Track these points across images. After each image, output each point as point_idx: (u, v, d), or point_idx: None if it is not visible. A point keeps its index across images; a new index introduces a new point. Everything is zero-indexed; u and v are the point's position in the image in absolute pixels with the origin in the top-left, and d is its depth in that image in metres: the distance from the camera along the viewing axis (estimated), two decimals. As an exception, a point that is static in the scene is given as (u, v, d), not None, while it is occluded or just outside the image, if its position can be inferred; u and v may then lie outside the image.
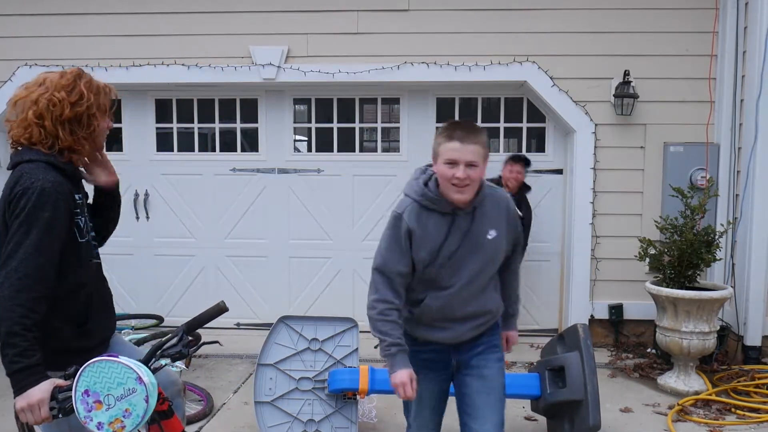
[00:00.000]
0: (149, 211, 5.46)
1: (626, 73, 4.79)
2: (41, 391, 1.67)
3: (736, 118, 4.77)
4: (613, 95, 4.85)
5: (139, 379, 1.59)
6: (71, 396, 1.62)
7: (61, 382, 1.71)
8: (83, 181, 2.07)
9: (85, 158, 2.00)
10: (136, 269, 5.49)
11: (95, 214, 2.08)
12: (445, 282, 2.19)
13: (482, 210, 2.19)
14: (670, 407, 3.88)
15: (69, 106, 1.88)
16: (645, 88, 4.86)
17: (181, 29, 5.06)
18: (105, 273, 2.12)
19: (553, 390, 3.29)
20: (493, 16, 4.93)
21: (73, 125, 1.89)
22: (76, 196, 1.91)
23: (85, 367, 1.59)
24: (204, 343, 2.09)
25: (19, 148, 1.92)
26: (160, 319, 5.13)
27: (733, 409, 3.84)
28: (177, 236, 5.49)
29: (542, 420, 3.60)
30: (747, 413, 3.79)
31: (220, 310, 2.02)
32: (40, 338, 1.76)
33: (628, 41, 4.88)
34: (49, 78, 1.92)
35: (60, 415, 1.66)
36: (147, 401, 1.59)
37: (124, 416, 1.59)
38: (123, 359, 1.61)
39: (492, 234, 2.18)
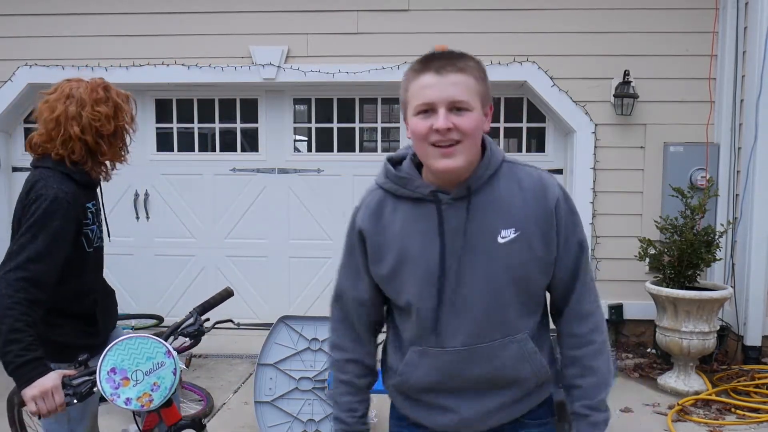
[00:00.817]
0: (149, 211, 5.46)
1: (626, 73, 4.79)
2: (52, 379, 1.71)
3: (736, 118, 4.77)
4: (613, 95, 4.85)
5: (168, 352, 1.67)
6: (89, 380, 1.70)
7: (68, 371, 1.75)
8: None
9: (99, 171, 2.02)
10: (136, 269, 5.49)
11: None
12: (427, 323, 1.39)
13: (489, 195, 1.36)
14: (670, 407, 3.88)
15: (110, 121, 1.93)
16: (645, 88, 4.86)
17: (181, 29, 5.06)
18: (105, 272, 2.16)
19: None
20: (493, 16, 4.93)
21: (113, 138, 1.95)
22: (89, 206, 1.95)
23: (111, 347, 1.66)
24: (219, 322, 2.19)
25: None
26: (160, 319, 5.14)
27: (733, 409, 3.84)
28: (177, 236, 5.49)
29: (542, 420, 3.60)
30: (747, 413, 3.79)
31: (228, 293, 2.15)
32: (43, 334, 1.80)
33: (628, 41, 4.88)
34: (78, 90, 1.94)
35: (75, 401, 1.72)
36: (174, 374, 1.67)
37: (152, 390, 1.66)
38: (151, 336, 1.70)
39: (507, 235, 1.35)
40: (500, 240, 1.35)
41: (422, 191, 1.37)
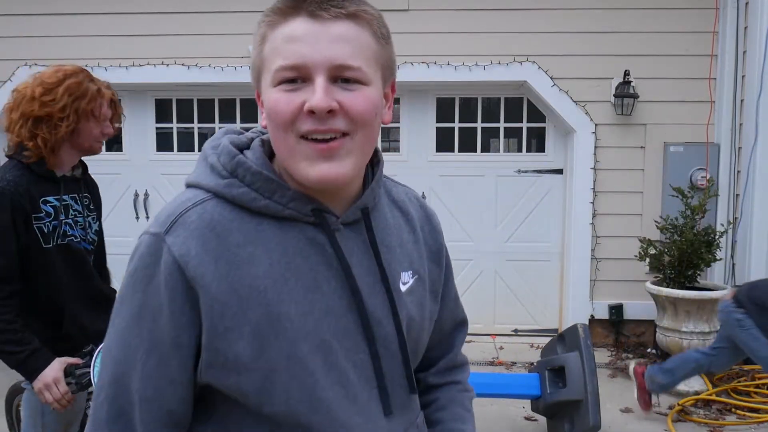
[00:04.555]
0: (149, 211, 5.46)
1: (626, 73, 4.79)
2: (53, 370, 1.74)
3: (736, 118, 4.77)
4: (613, 95, 4.85)
5: None
6: (89, 371, 1.72)
7: (72, 360, 1.79)
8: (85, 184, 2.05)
9: (63, 160, 1.91)
10: (136, 269, 5.48)
11: None
12: (304, 416, 0.86)
13: (380, 222, 0.96)
14: (670, 407, 3.88)
15: (39, 105, 1.82)
16: (645, 88, 4.86)
17: (181, 29, 5.05)
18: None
19: (553, 390, 3.29)
20: (493, 16, 4.93)
21: (38, 124, 1.82)
22: (49, 199, 1.85)
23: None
24: None
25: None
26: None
27: (733, 409, 3.84)
28: (177, 236, 5.48)
29: (542, 420, 3.60)
30: (747, 413, 3.79)
31: None
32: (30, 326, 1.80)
33: (628, 41, 4.88)
34: (47, 72, 1.88)
35: (75, 390, 1.77)
36: None
37: None
38: None
39: (407, 281, 0.96)
40: (402, 287, 0.95)
41: (299, 208, 0.86)
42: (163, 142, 5.43)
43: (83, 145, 1.93)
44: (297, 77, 0.82)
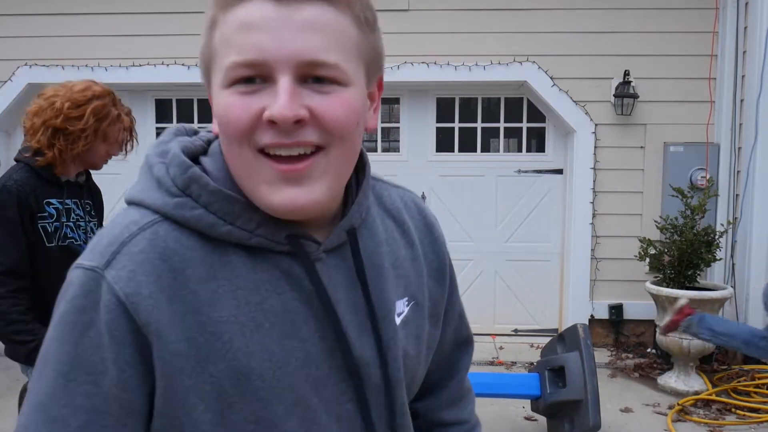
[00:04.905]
0: (149, 211, 5.46)
1: (626, 73, 4.79)
2: None
3: (736, 118, 4.77)
4: (613, 95, 4.85)
5: None
6: None
7: None
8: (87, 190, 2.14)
9: (69, 169, 2.02)
10: (136, 269, 5.49)
11: None
12: None
13: (369, 240, 0.79)
14: (670, 407, 3.88)
15: (63, 119, 1.90)
16: (645, 88, 4.86)
17: (181, 29, 5.05)
18: None
19: (553, 390, 3.29)
20: (493, 16, 4.93)
21: (57, 135, 1.91)
22: (52, 201, 1.95)
23: None
24: None
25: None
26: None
27: (733, 409, 3.84)
28: (177, 236, 5.49)
29: (542, 420, 3.60)
30: (747, 413, 3.79)
31: None
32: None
33: (628, 41, 4.88)
34: (77, 86, 1.95)
35: None
36: None
37: None
38: None
39: (402, 310, 0.81)
40: (397, 320, 0.79)
41: (270, 235, 0.70)
42: (163, 142, 5.43)
43: (89, 161, 2.03)
44: (255, 76, 0.64)
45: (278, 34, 0.63)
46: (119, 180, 5.42)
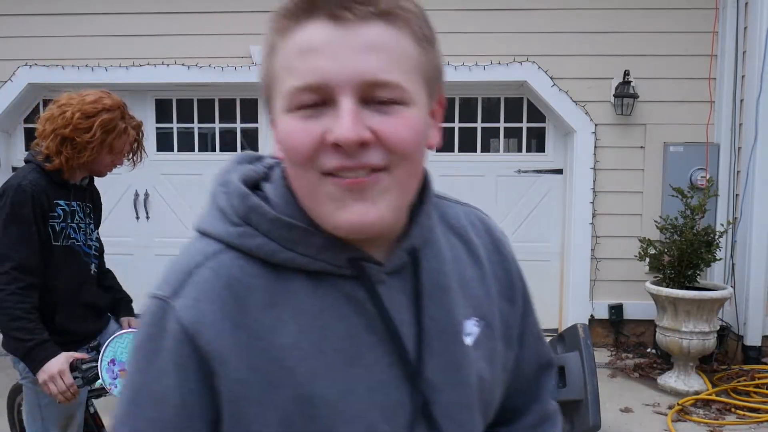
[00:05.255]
0: (149, 211, 5.46)
1: (626, 73, 4.79)
2: (59, 362, 1.82)
3: (736, 118, 4.77)
4: (613, 95, 4.85)
5: None
6: (95, 366, 1.80)
7: (79, 355, 1.87)
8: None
9: (75, 175, 2.08)
10: (136, 269, 5.47)
11: None
12: None
13: (433, 260, 0.78)
14: (670, 407, 3.88)
15: (72, 129, 1.95)
16: (645, 88, 4.86)
17: (181, 29, 5.05)
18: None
19: (553, 390, 3.29)
20: (493, 16, 4.93)
21: (65, 143, 1.97)
22: (60, 202, 2.02)
23: (112, 339, 1.75)
24: None
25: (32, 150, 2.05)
26: (160, 319, 5.14)
27: (733, 409, 3.84)
28: (177, 236, 5.48)
29: (542, 420, 3.60)
30: (747, 413, 3.79)
31: None
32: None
33: (628, 41, 4.88)
34: (89, 97, 2.00)
35: (82, 384, 1.84)
36: None
37: None
38: None
39: (471, 331, 0.79)
40: (466, 340, 0.78)
41: (332, 259, 0.71)
42: (163, 142, 5.43)
43: (94, 169, 2.09)
44: (317, 101, 0.64)
45: (338, 56, 0.63)
46: (119, 180, 5.43)
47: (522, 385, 0.93)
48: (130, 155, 2.13)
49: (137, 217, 5.45)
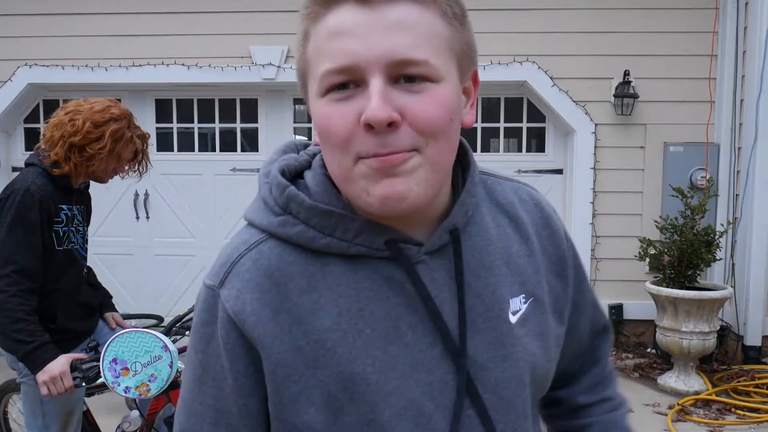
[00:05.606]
0: (149, 211, 5.46)
1: (626, 73, 4.79)
2: (60, 364, 1.85)
3: (736, 118, 4.77)
4: (613, 95, 4.85)
5: (165, 347, 1.80)
6: (96, 365, 1.84)
7: (78, 355, 1.90)
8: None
9: (79, 180, 2.11)
10: (136, 269, 5.49)
11: None
12: None
13: (478, 239, 0.79)
14: (670, 407, 3.88)
15: (81, 137, 1.98)
16: (645, 88, 4.86)
17: (181, 29, 5.05)
18: (104, 272, 2.22)
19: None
20: (492, 16, 4.93)
21: (73, 150, 1.99)
22: (64, 207, 2.04)
23: (113, 339, 1.79)
24: None
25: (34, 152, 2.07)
26: (160, 319, 5.12)
27: (733, 409, 3.84)
28: (177, 236, 5.49)
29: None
30: (747, 413, 3.79)
31: None
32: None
33: (628, 41, 4.88)
34: (97, 105, 2.02)
35: (84, 384, 1.87)
36: (171, 366, 1.81)
37: (149, 380, 1.80)
38: (149, 330, 1.84)
39: (518, 308, 0.79)
40: (511, 318, 0.78)
41: (369, 242, 0.72)
42: (164, 142, 5.43)
43: (97, 176, 2.13)
44: (348, 81, 0.66)
45: (366, 37, 0.64)
46: (119, 180, 5.43)
47: (579, 350, 0.95)
48: (136, 166, 2.17)
49: (137, 217, 5.45)
